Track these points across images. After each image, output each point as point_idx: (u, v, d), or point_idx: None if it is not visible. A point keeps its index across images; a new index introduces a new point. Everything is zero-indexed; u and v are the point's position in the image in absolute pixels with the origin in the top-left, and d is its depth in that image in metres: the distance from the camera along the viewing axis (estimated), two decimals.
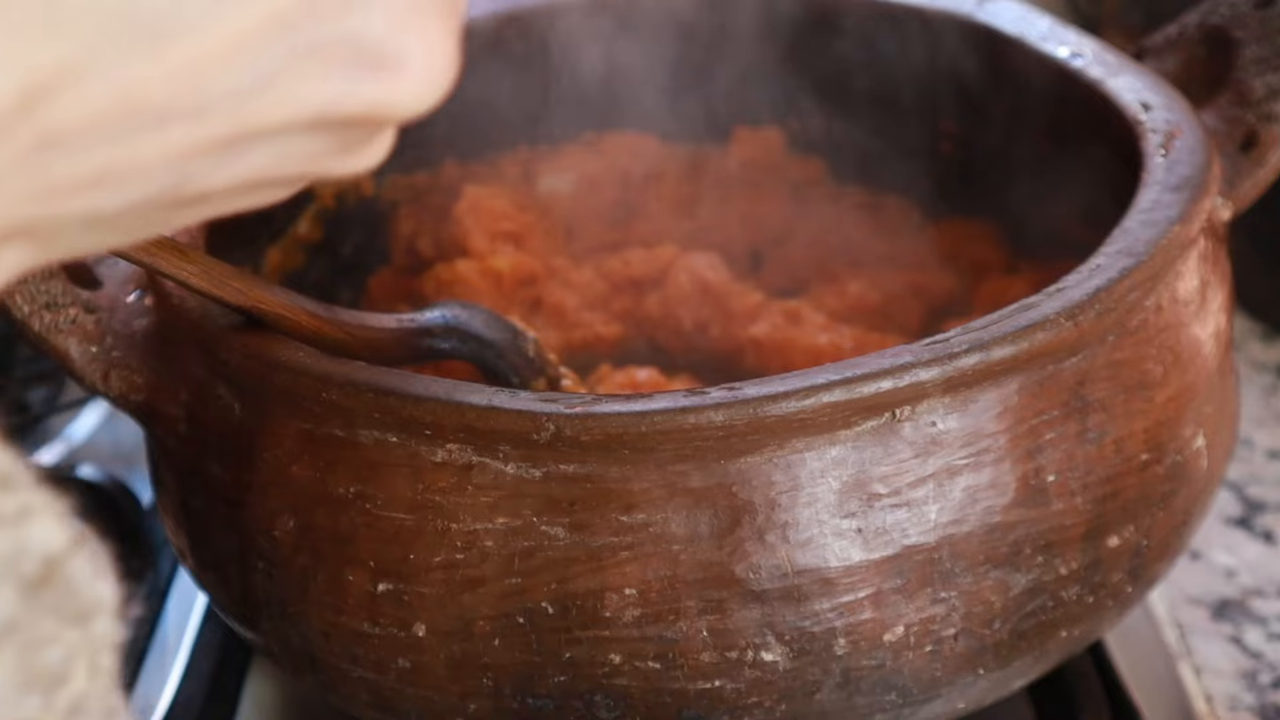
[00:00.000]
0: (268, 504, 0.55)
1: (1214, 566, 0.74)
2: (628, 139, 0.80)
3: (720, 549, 0.50)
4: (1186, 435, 0.57)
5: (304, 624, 0.55)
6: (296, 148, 0.32)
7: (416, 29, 0.32)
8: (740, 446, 0.50)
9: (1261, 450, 0.82)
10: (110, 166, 0.30)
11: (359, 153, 0.34)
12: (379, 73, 0.32)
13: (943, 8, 0.74)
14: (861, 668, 0.52)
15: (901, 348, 0.51)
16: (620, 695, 0.52)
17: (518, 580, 0.51)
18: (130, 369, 0.60)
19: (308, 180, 0.34)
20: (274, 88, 0.31)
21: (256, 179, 0.33)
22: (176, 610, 0.73)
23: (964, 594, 0.52)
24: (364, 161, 0.34)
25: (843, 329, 0.70)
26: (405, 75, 0.32)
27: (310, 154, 0.33)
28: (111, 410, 0.86)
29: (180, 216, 0.33)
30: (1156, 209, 0.57)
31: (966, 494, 0.52)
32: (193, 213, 0.33)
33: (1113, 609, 0.57)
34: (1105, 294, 0.53)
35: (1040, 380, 0.53)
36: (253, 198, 0.34)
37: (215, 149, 0.31)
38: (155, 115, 0.30)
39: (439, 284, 0.73)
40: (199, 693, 0.66)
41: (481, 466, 0.51)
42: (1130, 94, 0.65)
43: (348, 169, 0.34)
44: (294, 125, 0.32)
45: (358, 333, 0.58)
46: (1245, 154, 0.63)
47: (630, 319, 0.75)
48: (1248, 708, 0.67)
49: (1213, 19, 0.67)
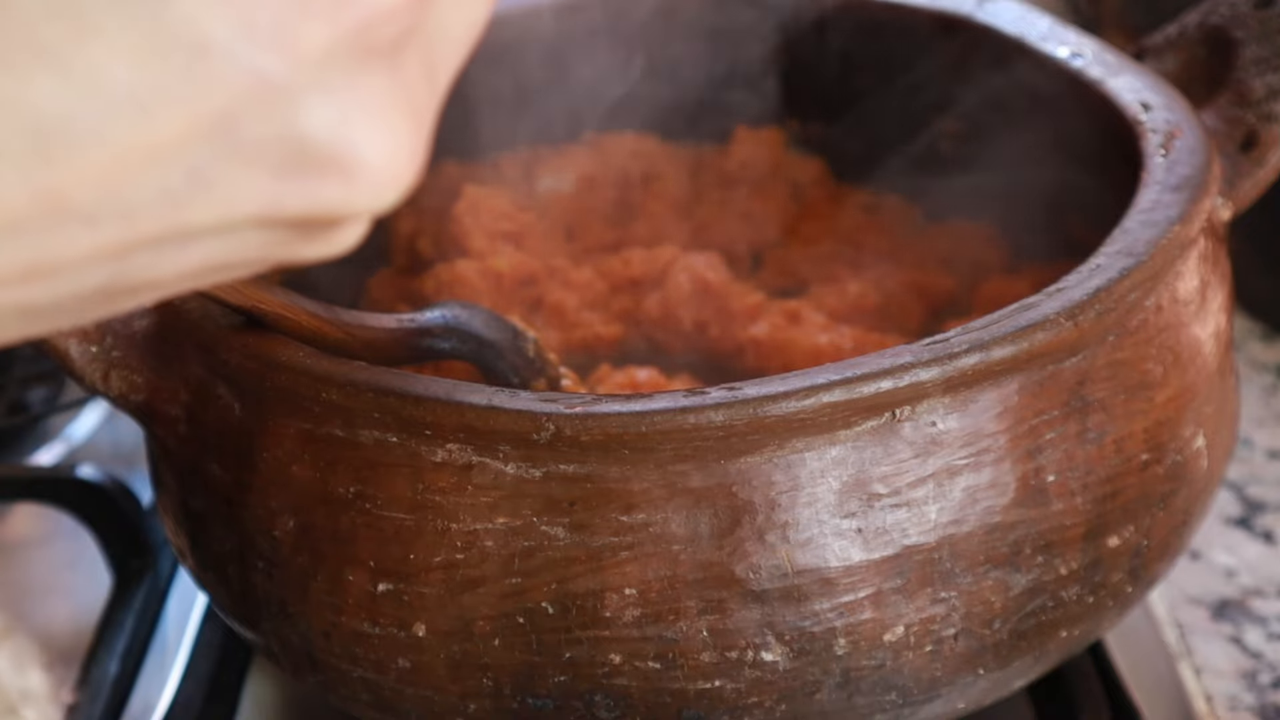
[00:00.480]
0: (268, 504, 0.55)
1: (1214, 566, 0.74)
2: (628, 139, 0.80)
3: (720, 549, 0.50)
4: (1186, 435, 0.57)
5: (304, 624, 0.55)
6: (246, 241, 0.31)
7: (370, 124, 0.30)
8: (740, 446, 0.50)
9: (1261, 450, 0.82)
10: (36, 263, 0.29)
11: (322, 242, 0.32)
12: (325, 173, 0.30)
13: (943, 8, 0.74)
14: (861, 668, 0.52)
15: (901, 348, 0.51)
16: (620, 695, 0.52)
17: (518, 580, 0.51)
18: (130, 369, 0.60)
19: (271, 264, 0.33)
20: (209, 189, 0.29)
21: (208, 267, 0.31)
22: (176, 610, 0.73)
23: (964, 594, 0.52)
24: (330, 249, 0.33)
25: (843, 329, 0.70)
26: (356, 175, 0.30)
27: (263, 245, 0.31)
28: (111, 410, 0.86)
29: (129, 302, 0.32)
30: (1156, 209, 0.57)
31: (966, 494, 0.52)
32: (144, 298, 0.32)
33: (1113, 609, 0.57)
34: (1105, 294, 0.53)
35: (1040, 380, 0.53)
36: (212, 279, 0.32)
37: (153, 245, 0.30)
38: (78, 216, 0.29)
39: (439, 284, 0.73)
40: (199, 693, 0.66)
41: (481, 466, 0.51)
42: (1130, 94, 0.65)
43: (312, 256, 0.32)
44: (237, 224, 0.30)
45: (358, 333, 0.58)
46: (1245, 154, 0.63)
47: (630, 319, 0.75)
48: (1248, 708, 0.67)
49: (1213, 19, 0.67)
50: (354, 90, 0.30)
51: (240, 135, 0.29)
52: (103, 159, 0.28)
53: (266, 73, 0.29)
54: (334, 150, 0.30)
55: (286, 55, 0.29)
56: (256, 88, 0.29)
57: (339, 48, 0.29)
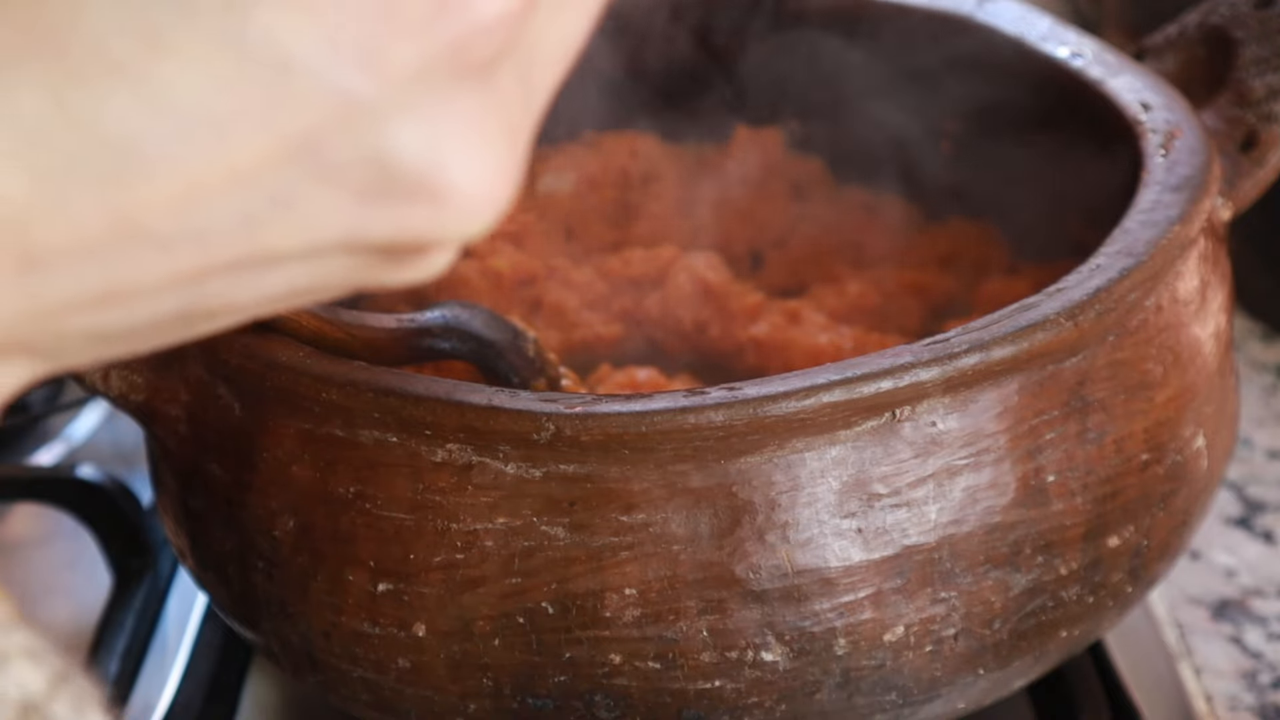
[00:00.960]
0: (268, 504, 0.55)
1: (1214, 566, 0.74)
2: (628, 139, 0.80)
3: (720, 549, 0.50)
4: (1186, 435, 0.57)
5: (304, 624, 0.55)
6: (329, 267, 0.29)
7: (462, 147, 0.28)
8: (740, 446, 0.50)
9: (1261, 450, 0.82)
10: (111, 289, 0.28)
11: (409, 268, 0.30)
12: (414, 198, 0.28)
13: (943, 8, 0.74)
14: (861, 668, 0.52)
15: (901, 348, 0.51)
16: (620, 695, 0.52)
17: (518, 580, 0.51)
18: (130, 369, 0.60)
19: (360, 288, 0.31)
20: (291, 214, 0.28)
21: (289, 292, 0.30)
22: (176, 610, 0.73)
23: (964, 594, 0.52)
24: (417, 276, 0.31)
25: (843, 329, 0.70)
26: (447, 201, 0.28)
27: (347, 271, 0.30)
28: (111, 410, 0.86)
29: (206, 326, 0.30)
30: (1156, 209, 0.57)
31: (966, 494, 0.52)
32: (221, 322, 0.30)
33: (1113, 609, 0.57)
34: (1105, 294, 0.53)
35: (1040, 380, 0.53)
36: (293, 303, 0.31)
37: (232, 271, 0.28)
38: (154, 240, 0.27)
39: (439, 284, 0.73)
40: (199, 693, 0.66)
41: (481, 466, 0.51)
42: (1130, 94, 0.65)
43: (398, 282, 0.31)
44: (320, 250, 0.29)
45: (358, 333, 0.58)
46: (1245, 154, 0.63)
47: (630, 319, 0.75)
48: (1248, 708, 0.67)
49: (1213, 19, 0.67)
50: (446, 111, 0.28)
51: (325, 158, 0.28)
52: (179, 183, 0.27)
53: (353, 93, 0.27)
54: (424, 174, 0.28)
55: (375, 74, 0.27)
56: (342, 108, 0.27)
57: (431, 67, 0.27)
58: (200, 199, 0.27)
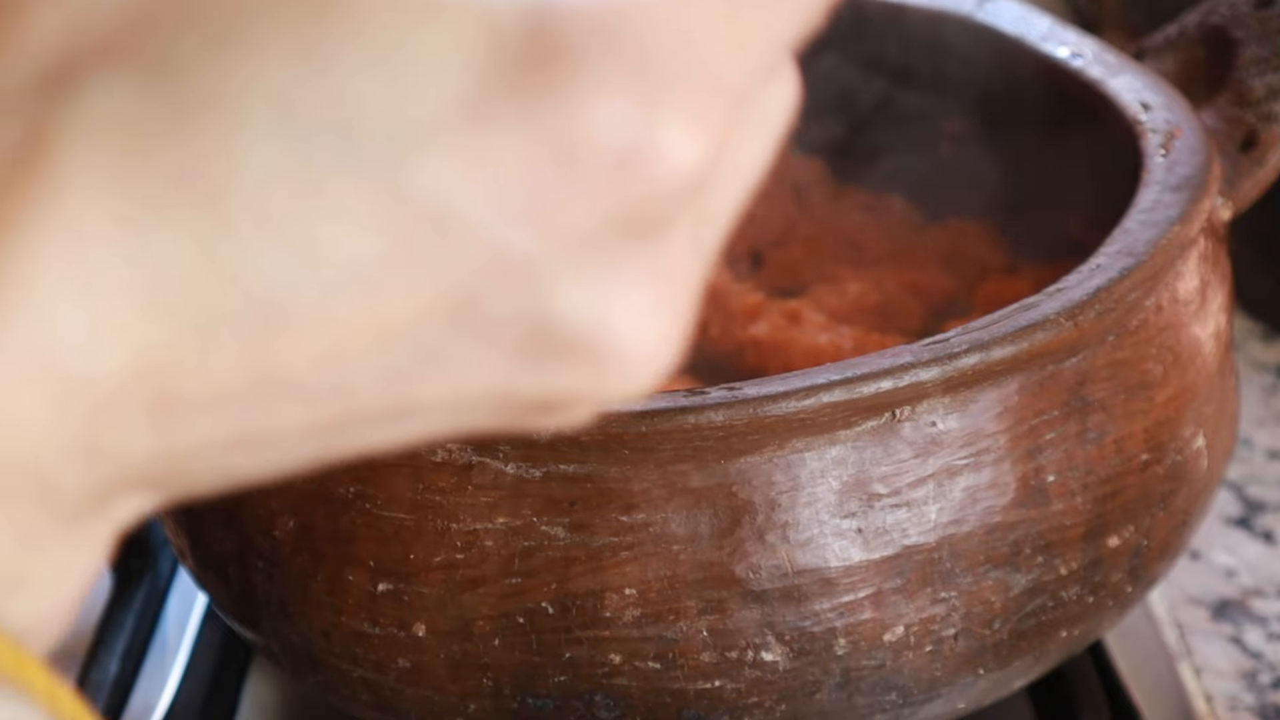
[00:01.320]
0: (268, 504, 0.55)
1: (1214, 566, 0.74)
2: None
3: (720, 549, 0.50)
4: (1186, 435, 0.57)
5: (304, 624, 0.55)
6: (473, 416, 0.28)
7: (631, 312, 0.26)
8: (740, 446, 0.50)
9: (1261, 450, 0.82)
10: (246, 437, 0.27)
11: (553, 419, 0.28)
12: (574, 359, 0.26)
13: (943, 8, 0.74)
14: (861, 668, 0.52)
15: (901, 348, 0.51)
16: (620, 695, 0.52)
17: (518, 580, 0.51)
18: None
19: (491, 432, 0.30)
20: (440, 368, 0.26)
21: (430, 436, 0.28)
22: (176, 610, 0.73)
23: (964, 594, 0.52)
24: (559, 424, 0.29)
25: (843, 329, 0.70)
26: (608, 364, 0.26)
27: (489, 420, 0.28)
28: None
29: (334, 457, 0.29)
30: (1156, 209, 0.57)
31: (966, 494, 0.52)
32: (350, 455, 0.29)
33: (1113, 609, 0.57)
34: (1105, 294, 0.53)
35: (1040, 380, 0.53)
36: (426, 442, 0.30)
37: (370, 421, 0.27)
38: (296, 393, 0.26)
39: None
40: (199, 693, 0.66)
41: (481, 466, 0.51)
42: (1130, 94, 0.65)
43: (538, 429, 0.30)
44: (466, 403, 0.27)
45: None
46: (1245, 154, 0.63)
47: None
48: (1248, 708, 0.67)
49: (1213, 19, 0.67)
50: (616, 273, 0.26)
51: (481, 315, 0.26)
52: (326, 336, 0.25)
53: (516, 251, 0.25)
54: (587, 338, 0.26)
55: (542, 234, 0.25)
56: (503, 267, 0.25)
57: (605, 229, 0.25)
58: (347, 354, 0.26)
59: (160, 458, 0.26)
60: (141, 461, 0.26)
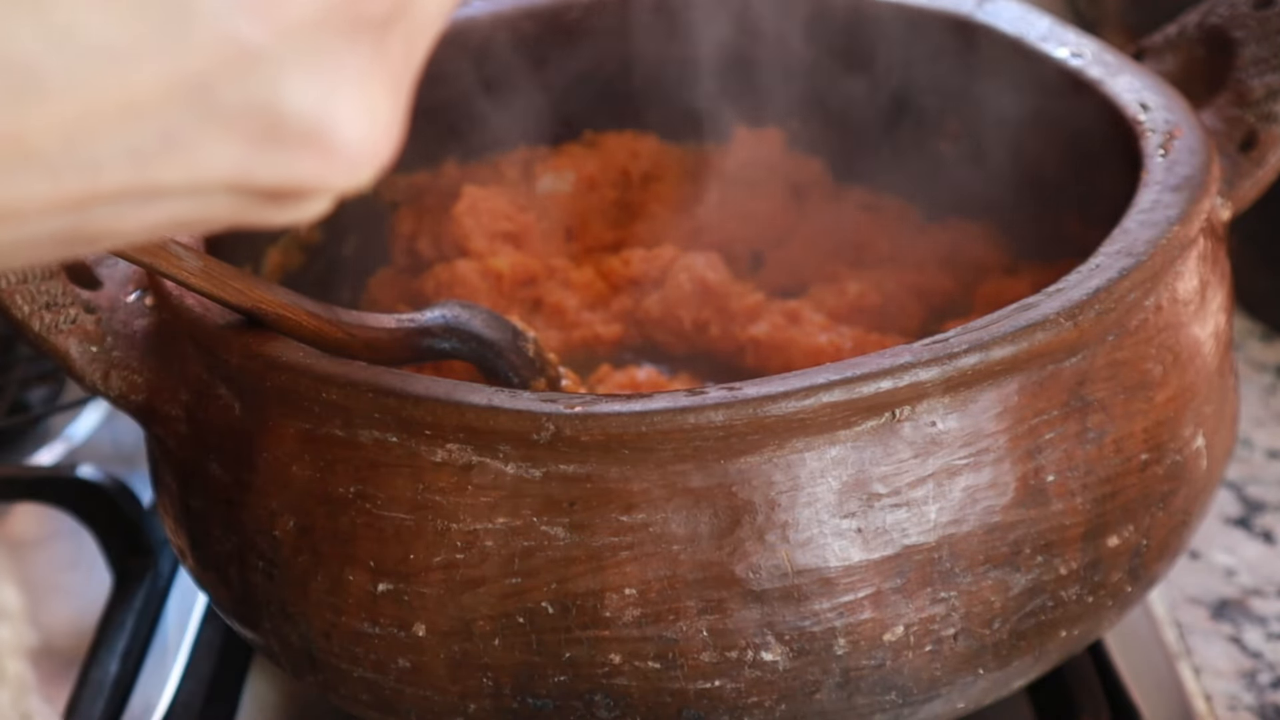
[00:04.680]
0: (268, 504, 0.55)
1: (1214, 566, 0.74)
2: (628, 139, 0.80)
3: (720, 549, 0.50)
4: (1186, 435, 0.57)
5: (304, 624, 0.55)
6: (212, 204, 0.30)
7: (352, 101, 0.29)
8: (740, 446, 0.50)
9: (1261, 450, 0.82)
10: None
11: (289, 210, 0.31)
12: (303, 147, 0.29)
13: (943, 8, 0.74)
14: (861, 668, 0.52)
15: (901, 348, 0.51)
16: (620, 695, 0.52)
17: (518, 580, 0.51)
18: (130, 369, 0.60)
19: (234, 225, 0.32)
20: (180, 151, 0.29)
21: (171, 224, 0.31)
22: (176, 610, 0.73)
23: (964, 594, 0.52)
24: (296, 218, 0.32)
25: (843, 329, 0.70)
26: (334, 152, 0.29)
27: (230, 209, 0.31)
28: (111, 410, 0.86)
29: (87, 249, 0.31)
30: (1156, 209, 0.57)
31: (966, 494, 0.52)
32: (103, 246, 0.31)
33: (1112, 609, 0.57)
34: (1105, 294, 0.53)
35: (1040, 380, 0.53)
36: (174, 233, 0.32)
37: (116, 200, 0.29)
38: (40, 164, 0.28)
39: (439, 284, 0.73)
40: (199, 693, 0.66)
41: (481, 466, 0.51)
42: (1130, 94, 0.65)
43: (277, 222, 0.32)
44: (205, 188, 0.30)
45: (358, 333, 0.58)
46: (1245, 154, 0.63)
47: (630, 319, 0.75)
48: (1247, 708, 0.67)
49: (1212, 19, 0.67)
50: (338, 64, 0.29)
51: (217, 100, 0.28)
52: (70, 110, 0.27)
53: (249, 39, 0.28)
54: (313, 125, 0.29)
55: (271, 23, 0.28)
56: (237, 54, 0.28)
57: (328, 20, 0.29)
58: (90, 128, 0.28)
59: None
60: None
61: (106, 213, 0.29)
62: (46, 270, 0.58)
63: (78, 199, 0.29)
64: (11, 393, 0.86)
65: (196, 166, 0.29)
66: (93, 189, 0.29)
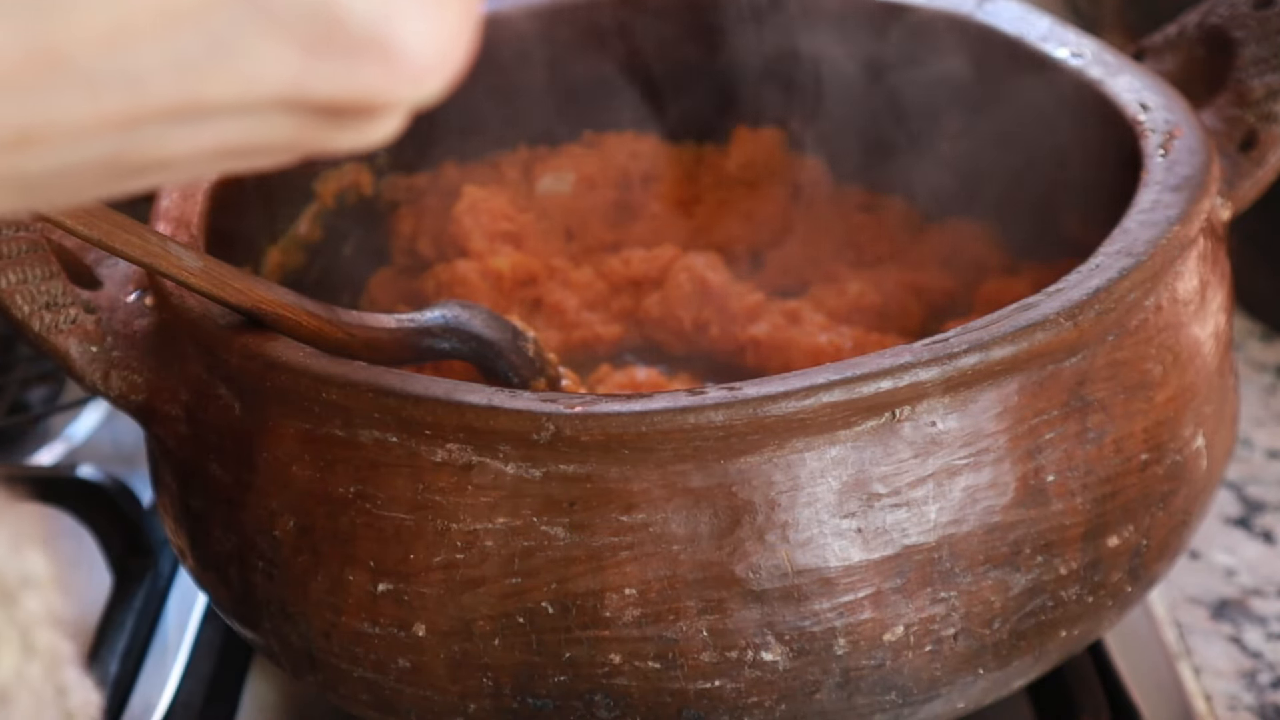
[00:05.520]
0: (268, 504, 0.55)
1: (1214, 566, 0.74)
2: (628, 139, 0.80)
3: (720, 549, 0.50)
4: (1186, 435, 0.57)
5: (304, 624, 0.55)
6: (268, 124, 0.28)
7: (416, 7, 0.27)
8: (740, 446, 0.50)
9: (1261, 450, 0.82)
10: (31, 127, 0.26)
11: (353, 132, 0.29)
12: (363, 55, 0.27)
13: (943, 8, 0.74)
14: (861, 668, 0.52)
15: (901, 348, 0.51)
16: (620, 695, 0.52)
17: (518, 580, 0.51)
18: (130, 369, 0.60)
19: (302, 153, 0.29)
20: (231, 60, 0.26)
21: (226, 150, 0.28)
22: (176, 610, 0.73)
23: (964, 594, 0.52)
24: (362, 141, 0.30)
25: (843, 329, 0.70)
26: (397, 60, 0.27)
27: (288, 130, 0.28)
28: (111, 410, 0.86)
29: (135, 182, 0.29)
30: (1156, 209, 0.57)
31: (966, 494, 0.52)
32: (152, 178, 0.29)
33: (1112, 609, 0.57)
34: (1105, 294, 0.53)
35: (1040, 380, 0.53)
36: (230, 165, 0.29)
37: (164, 119, 0.27)
38: (80, 77, 0.26)
39: (439, 284, 0.73)
40: (199, 693, 0.67)
41: (481, 466, 0.51)
42: (1130, 94, 0.65)
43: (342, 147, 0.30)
44: (260, 103, 0.27)
45: (358, 333, 0.58)
46: (1245, 154, 0.63)
47: (630, 319, 0.75)
48: (1247, 708, 0.67)
49: (1212, 19, 0.67)
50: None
51: (269, 3, 0.26)
52: (109, 18, 0.25)
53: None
54: (375, 31, 0.27)
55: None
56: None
57: None
58: (131, 37, 0.26)
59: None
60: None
61: (152, 135, 0.27)
62: (46, 270, 0.58)
63: (121, 118, 0.27)
64: (11, 393, 0.86)
65: (248, 79, 0.27)
66: (136, 106, 0.27)
